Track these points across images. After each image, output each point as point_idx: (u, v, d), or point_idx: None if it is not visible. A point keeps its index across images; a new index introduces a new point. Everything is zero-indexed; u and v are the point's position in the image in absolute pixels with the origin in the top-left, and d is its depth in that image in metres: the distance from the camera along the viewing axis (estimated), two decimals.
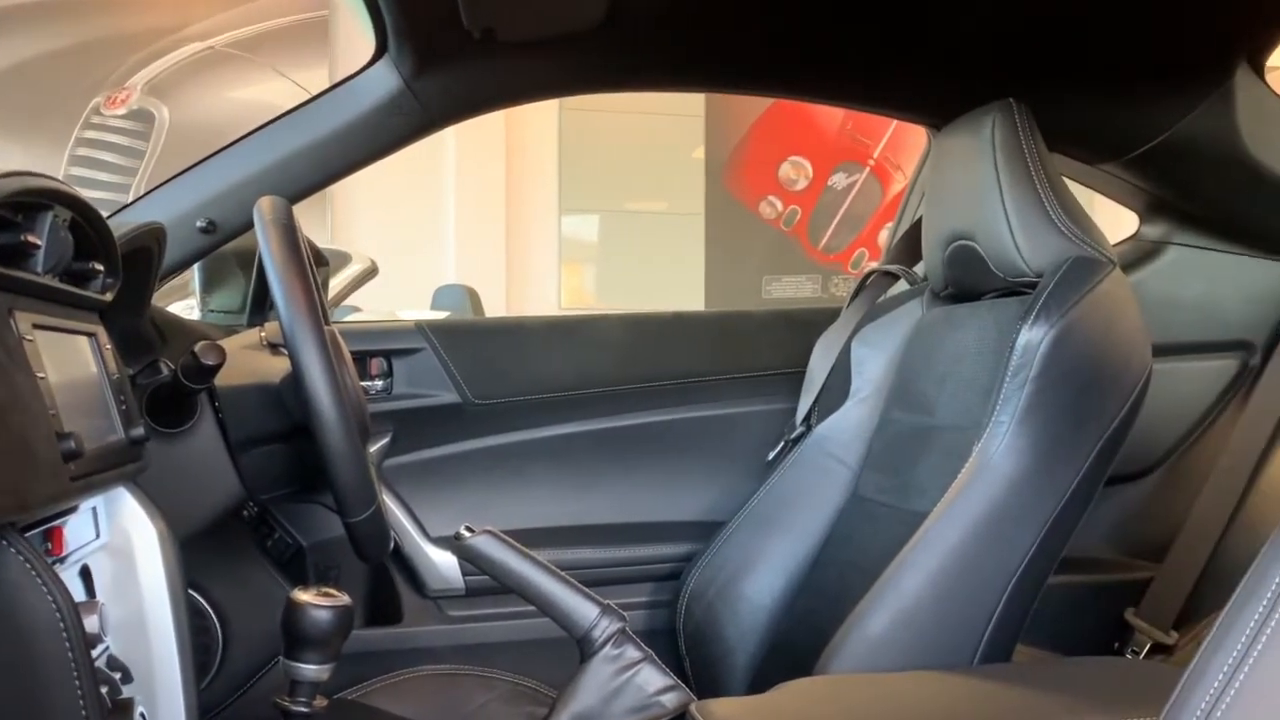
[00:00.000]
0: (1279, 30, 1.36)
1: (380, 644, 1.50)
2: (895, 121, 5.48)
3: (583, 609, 0.99)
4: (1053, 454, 1.09)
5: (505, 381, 1.64)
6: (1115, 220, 1.71)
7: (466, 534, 1.03)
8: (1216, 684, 0.62)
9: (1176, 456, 1.64)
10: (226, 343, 1.20)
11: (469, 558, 1.03)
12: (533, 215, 5.44)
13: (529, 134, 5.34)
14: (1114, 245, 1.24)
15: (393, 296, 3.94)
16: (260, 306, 1.56)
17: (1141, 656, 1.52)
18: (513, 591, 1.02)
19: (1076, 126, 1.48)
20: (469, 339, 1.67)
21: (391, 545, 1.20)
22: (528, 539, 1.07)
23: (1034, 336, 1.09)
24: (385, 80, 1.37)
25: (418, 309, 3.95)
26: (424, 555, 1.52)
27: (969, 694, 1.00)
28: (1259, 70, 1.42)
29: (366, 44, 1.38)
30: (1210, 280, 1.62)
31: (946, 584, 1.08)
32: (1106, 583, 1.59)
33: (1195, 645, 1.46)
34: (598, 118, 5.37)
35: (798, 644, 1.32)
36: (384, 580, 1.56)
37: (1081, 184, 1.63)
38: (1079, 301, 1.11)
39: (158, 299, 1.27)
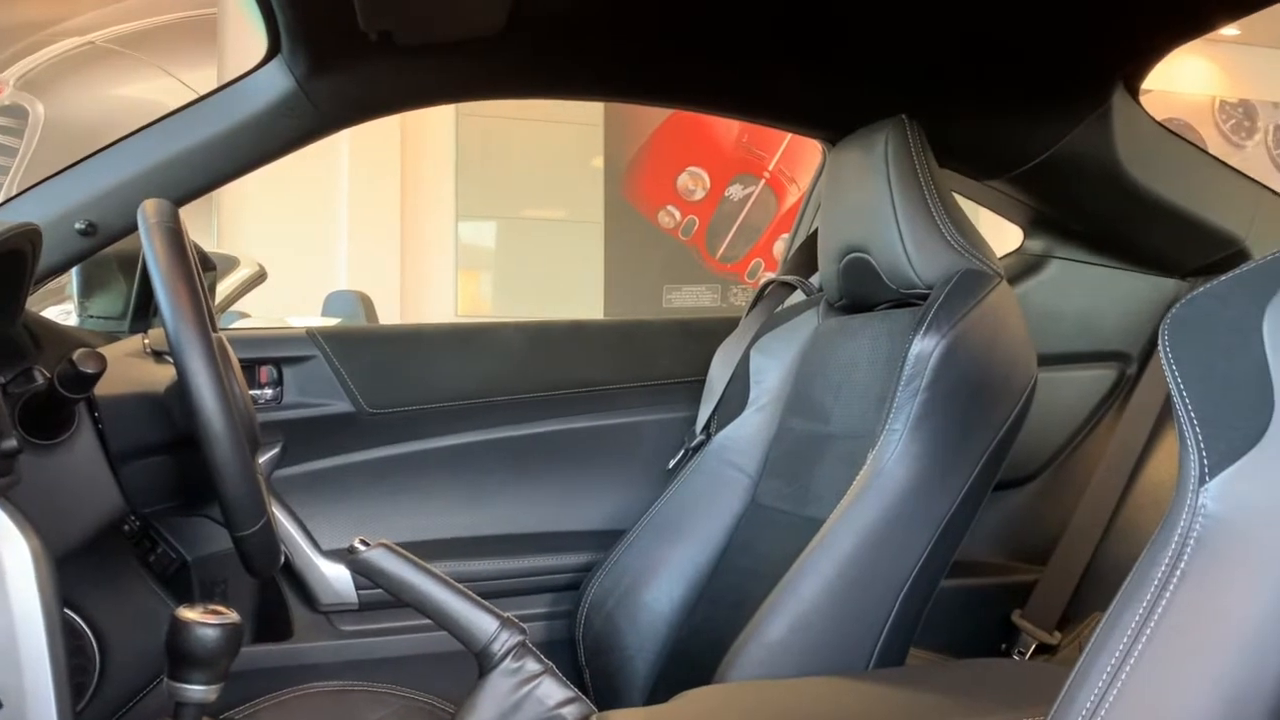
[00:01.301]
0: (1152, 55, 1.43)
1: (269, 661, 1.46)
2: (790, 135, 5.59)
3: (481, 622, 0.97)
4: (944, 461, 1.12)
5: (400, 390, 1.61)
6: (999, 233, 1.77)
7: (360, 547, 1.00)
8: (1101, 683, 0.64)
9: (1059, 462, 1.70)
10: (107, 350, 1.15)
11: (363, 571, 1.01)
12: (429, 221, 5.37)
13: (425, 139, 5.27)
14: (999, 258, 1.28)
15: (282, 303, 3.84)
16: (143, 312, 1.50)
17: (1027, 657, 1.57)
18: (408, 605, 1.00)
19: (965, 144, 1.53)
20: (362, 346, 1.63)
21: (282, 559, 1.17)
22: (424, 551, 1.05)
23: (926, 346, 1.12)
24: (277, 81, 1.34)
25: (308, 315, 3.86)
26: (315, 569, 1.48)
27: (865, 698, 1.01)
28: (1134, 93, 1.49)
29: (258, 44, 1.34)
30: (1090, 293, 1.69)
31: (843, 589, 1.10)
32: (993, 585, 1.64)
33: (1077, 645, 1.52)
34: (495, 124, 5.34)
35: (697, 652, 1.33)
36: (273, 595, 1.52)
37: (969, 199, 1.68)
38: (968, 313, 1.14)
39: (32, 303, 1.21)
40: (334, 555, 1.48)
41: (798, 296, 1.60)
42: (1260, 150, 6.57)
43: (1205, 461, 0.65)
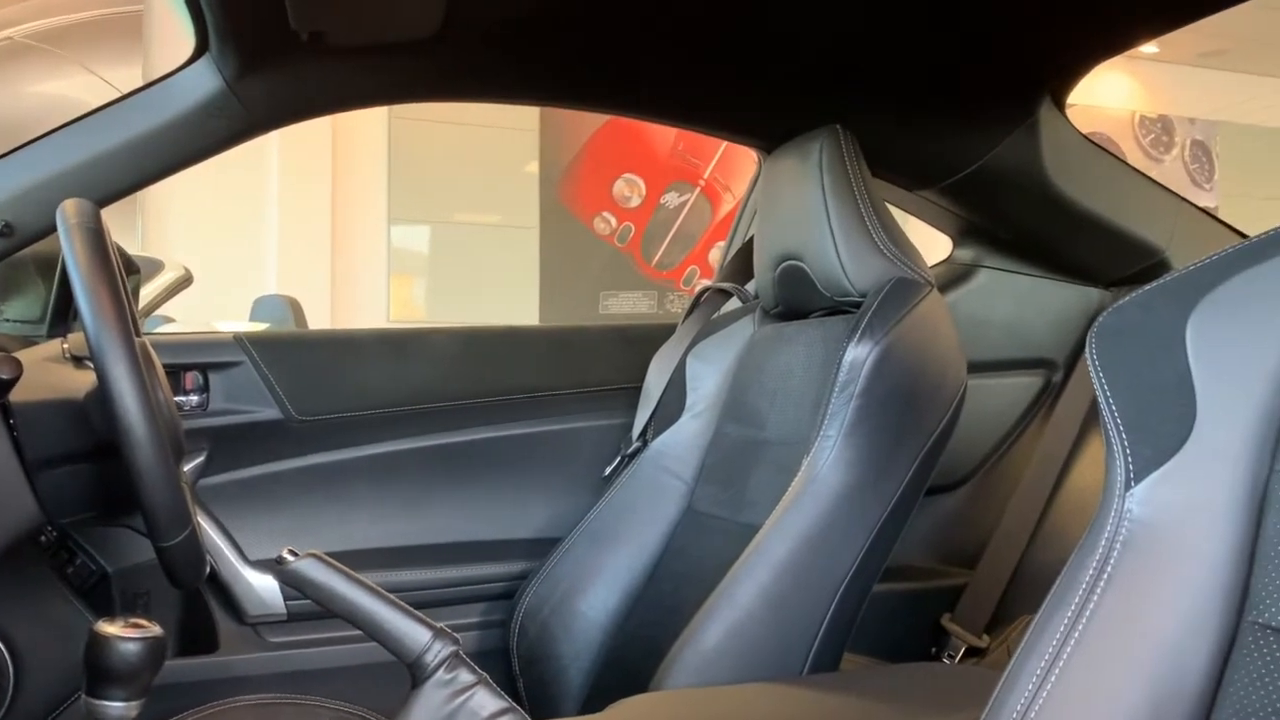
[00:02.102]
0: (1077, 70, 1.47)
1: (194, 674, 1.42)
2: (725, 143, 5.63)
3: (414, 633, 0.96)
4: (877, 466, 1.13)
5: (330, 396, 1.58)
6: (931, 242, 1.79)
7: (289, 557, 0.98)
8: (1031, 686, 0.65)
9: (987, 467, 1.73)
10: (23, 354, 1.11)
11: (291, 582, 0.98)
12: (360, 225, 5.29)
13: (357, 142, 5.21)
14: (930, 267, 1.30)
15: (209, 307, 3.75)
16: (63, 316, 1.46)
17: (956, 660, 1.59)
18: (338, 616, 0.98)
19: (897, 154, 1.55)
20: (291, 352, 1.60)
21: (207, 570, 1.13)
22: (354, 561, 1.03)
23: (859, 354, 1.13)
24: (205, 80, 1.30)
25: (236, 321, 3.78)
26: (242, 580, 1.44)
27: (800, 704, 1.02)
28: (1061, 106, 1.53)
29: (185, 41, 1.30)
30: (1017, 302, 1.73)
31: (778, 595, 1.10)
32: (924, 590, 1.66)
33: (1005, 648, 1.55)
34: (429, 128, 5.29)
35: (633, 659, 1.32)
36: (198, 607, 1.48)
37: (900, 208, 1.71)
38: (901, 320, 1.15)
39: None
40: (261, 565, 1.45)
41: (734, 303, 1.61)
42: (1178, 164, 6.78)
43: (1131, 467, 0.66)
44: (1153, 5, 1.30)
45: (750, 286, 1.59)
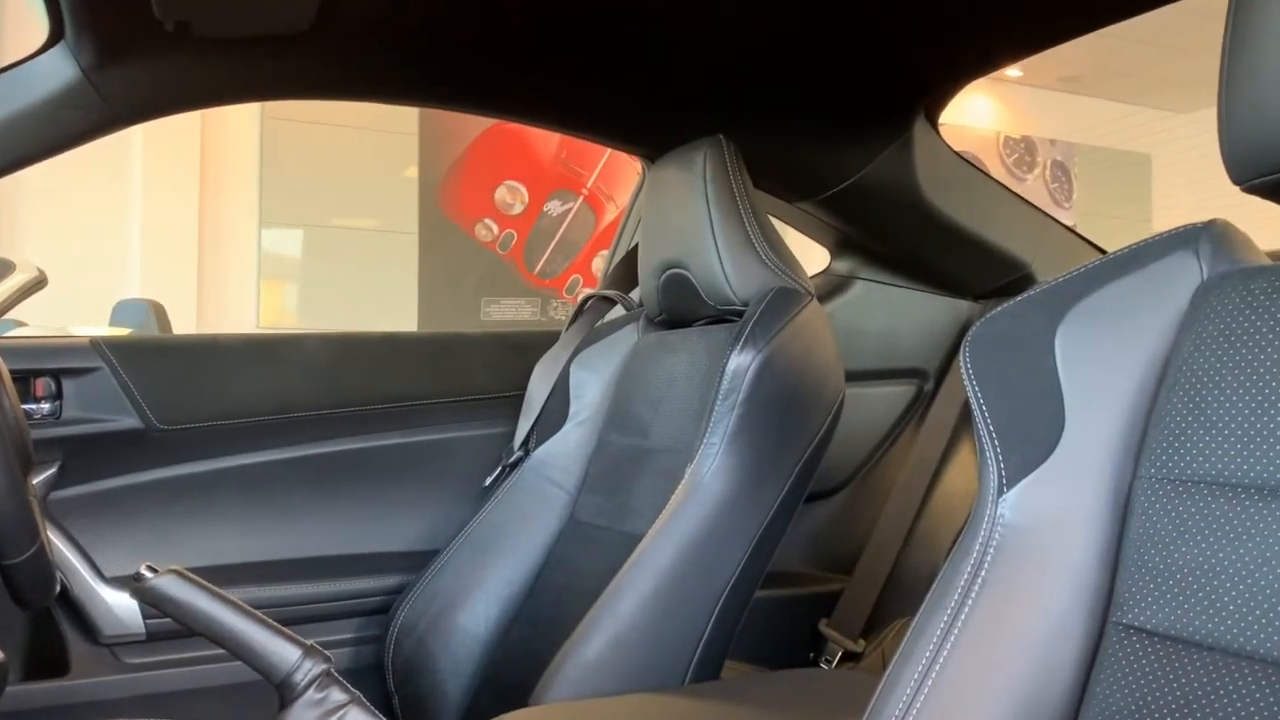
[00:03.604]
0: (950, 88, 1.51)
1: (42, 700, 1.33)
2: (608, 152, 5.64)
3: (282, 651, 0.92)
4: (759, 473, 1.14)
5: (195, 405, 1.51)
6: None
7: (147, 573, 0.93)
8: (908, 692, 0.66)
9: (863, 474, 1.77)
10: None
11: (150, 600, 0.93)
12: (230, 227, 5.11)
13: (227, 140, 5.02)
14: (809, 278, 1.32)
15: (65, 311, 3.56)
16: None
17: (834, 665, 1.62)
18: (201, 635, 0.93)
19: (777, 166, 1.57)
20: (154, 358, 1.52)
21: (57, 588, 1.07)
22: (221, 576, 0.99)
23: (742, 362, 1.14)
24: (60, 70, 1.23)
25: (95, 325, 3.60)
26: (97, 598, 1.36)
27: (683, 714, 1.01)
28: (934, 124, 1.58)
29: (39, 27, 1.23)
30: (891, 313, 1.77)
31: (660, 605, 1.10)
32: (803, 595, 1.69)
33: (880, 652, 1.58)
34: (304, 129, 5.14)
35: (513, 673, 1.30)
36: (47, 627, 1.39)
37: (780, 220, 1.73)
38: (782, 329, 1.17)
39: None
40: (118, 583, 1.37)
41: (618, 311, 1.60)
42: (1039, 183, 7.11)
43: (1003, 473, 0.68)
44: (1018, 29, 1.35)
45: (634, 294, 1.59)
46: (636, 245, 1.49)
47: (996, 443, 0.68)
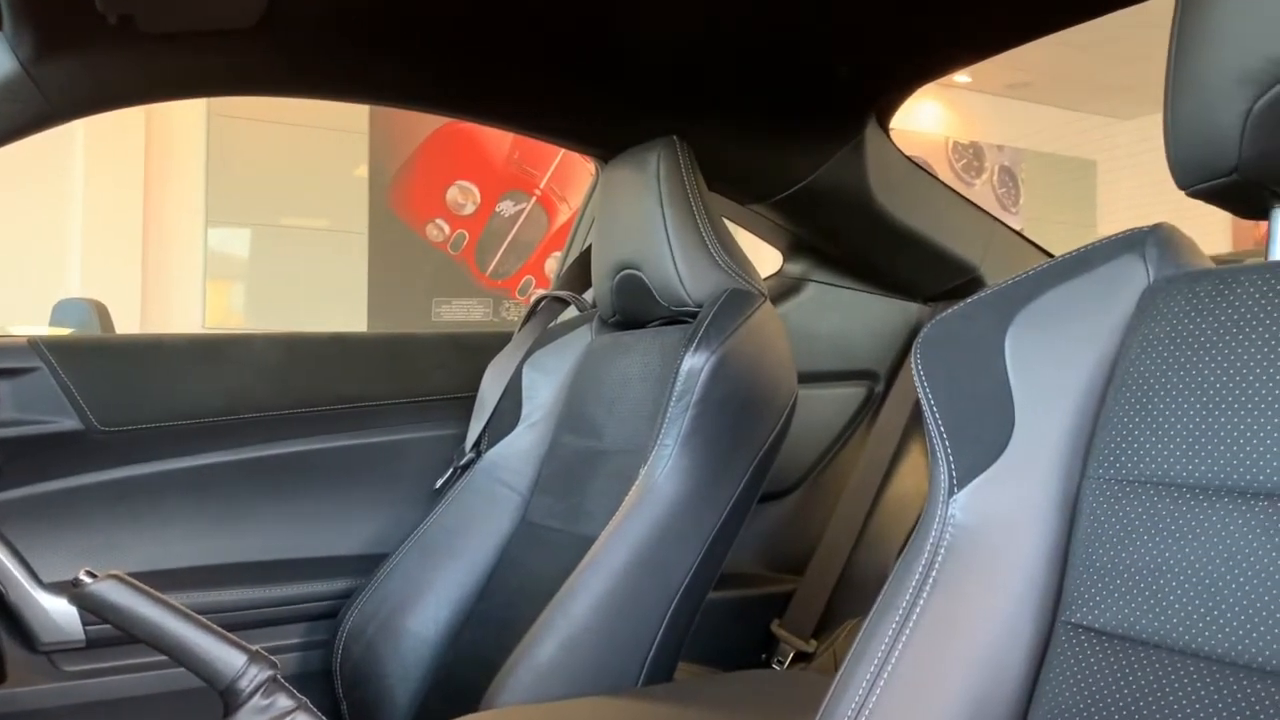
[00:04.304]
0: (901, 92, 1.53)
1: None
2: (561, 153, 5.63)
3: (226, 657, 0.90)
4: (713, 474, 1.14)
5: (138, 406, 1.48)
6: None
7: (86, 579, 0.90)
8: (861, 692, 0.66)
9: (814, 476, 1.78)
10: None
11: (89, 606, 0.91)
12: (175, 226, 5.01)
13: (173, 137, 4.93)
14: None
15: (3, 310, 3.48)
16: None
17: (785, 665, 1.62)
18: (143, 642, 0.91)
19: (730, 168, 1.57)
20: (95, 358, 1.48)
21: None
22: (165, 581, 0.97)
23: (696, 363, 1.14)
24: None
25: (34, 325, 3.52)
26: (34, 604, 1.33)
27: (635, 717, 1.01)
28: (885, 128, 1.59)
29: None
30: (842, 315, 1.78)
31: (614, 606, 1.09)
32: (755, 596, 1.69)
33: (831, 653, 1.58)
34: (251, 126, 5.06)
35: (464, 677, 1.29)
36: None
37: (733, 222, 1.74)
38: (735, 330, 1.17)
39: None
40: (57, 588, 1.34)
41: (571, 312, 1.59)
42: (987, 188, 7.21)
43: (954, 473, 0.68)
44: (967, 35, 1.37)
45: (588, 295, 1.58)
46: (590, 246, 1.48)
47: (947, 443, 0.68)
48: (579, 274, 1.64)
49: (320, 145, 5.25)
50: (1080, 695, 0.61)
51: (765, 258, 1.79)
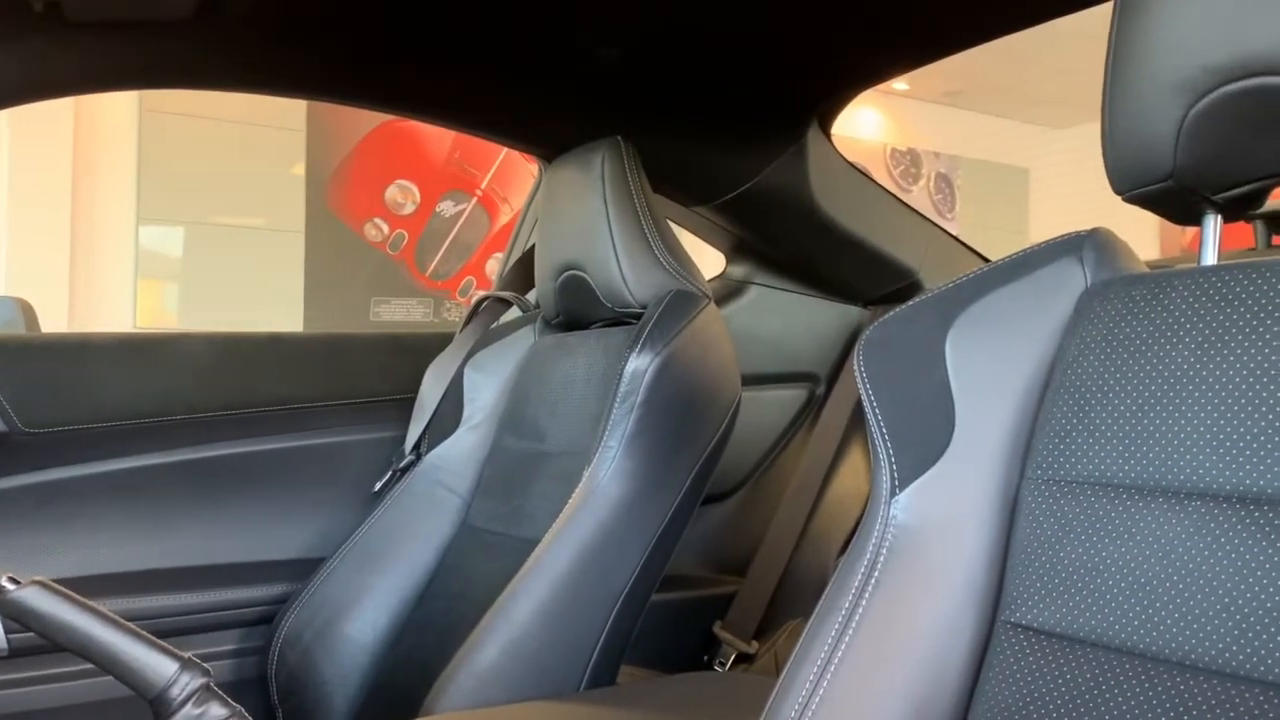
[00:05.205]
0: (842, 98, 1.54)
1: None
2: (504, 153, 5.59)
3: (157, 664, 0.87)
4: (656, 476, 1.13)
5: (65, 407, 1.43)
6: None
7: (9, 586, 0.87)
8: (804, 693, 0.66)
9: (756, 477, 1.79)
10: None
11: (11, 613, 0.88)
12: (105, 223, 4.89)
13: (103, 131, 4.81)
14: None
15: None
16: None
17: (727, 667, 1.63)
18: (69, 650, 0.88)
19: (674, 170, 1.57)
20: (17, 357, 1.43)
21: None
22: (93, 588, 0.94)
23: (640, 364, 1.14)
24: None
25: None
26: None
27: None
28: (827, 132, 1.60)
29: None
30: (785, 318, 1.79)
31: (556, 610, 1.08)
32: (697, 598, 1.69)
33: (773, 653, 1.59)
34: (185, 122, 4.96)
35: (403, 683, 1.27)
36: None
37: (677, 224, 1.74)
38: (680, 332, 1.17)
39: None
40: None
41: (514, 313, 1.58)
42: (924, 194, 7.32)
43: (896, 474, 0.69)
44: (906, 43, 1.39)
45: (531, 296, 1.57)
46: (533, 246, 1.47)
47: (889, 445, 0.69)
48: (522, 275, 1.63)
49: (256, 142, 5.16)
50: (1019, 694, 0.62)
51: (709, 260, 1.80)
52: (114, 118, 4.82)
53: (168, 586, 1.41)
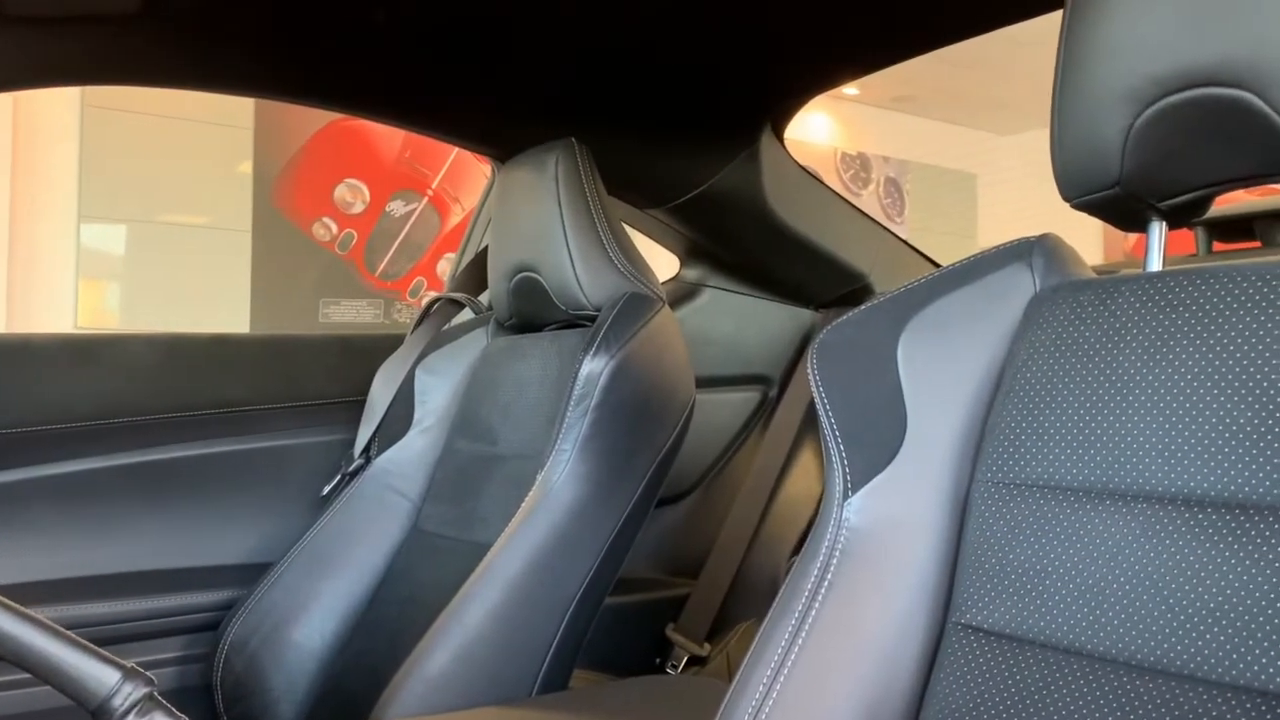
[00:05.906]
0: (795, 102, 1.55)
1: None
2: (455, 153, 5.55)
3: (98, 673, 0.85)
4: (611, 479, 1.13)
5: (4, 409, 1.40)
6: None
7: None
8: (758, 696, 0.66)
9: (709, 480, 1.79)
10: None
11: None
12: (44, 222, 4.78)
13: (44, 127, 4.70)
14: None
15: None
16: None
17: (680, 669, 1.63)
18: (4, 660, 0.86)
19: (629, 173, 1.57)
20: None
21: None
22: (30, 594, 0.91)
23: (595, 367, 1.13)
24: None
25: None
26: None
27: None
28: (780, 137, 1.61)
29: None
30: (738, 321, 1.80)
31: (508, 615, 1.07)
32: (650, 601, 1.69)
33: (725, 656, 1.60)
34: (128, 119, 4.86)
35: (352, 690, 1.25)
36: None
37: (632, 226, 1.74)
38: (635, 334, 1.17)
39: None
40: None
41: (466, 314, 1.57)
42: (873, 199, 7.39)
43: (849, 477, 0.69)
44: (857, 49, 1.40)
45: (484, 298, 1.56)
46: (486, 248, 1.46)
47: (842, 447, 0.69)
48: (474, 276, 1.62)
49: (202, 140, 5.07)
50: (969, 694, 0.62)
51: (663, 263, 1.80)
52: (55, 113, 4.71)
53: (109, 593, 1.38)
